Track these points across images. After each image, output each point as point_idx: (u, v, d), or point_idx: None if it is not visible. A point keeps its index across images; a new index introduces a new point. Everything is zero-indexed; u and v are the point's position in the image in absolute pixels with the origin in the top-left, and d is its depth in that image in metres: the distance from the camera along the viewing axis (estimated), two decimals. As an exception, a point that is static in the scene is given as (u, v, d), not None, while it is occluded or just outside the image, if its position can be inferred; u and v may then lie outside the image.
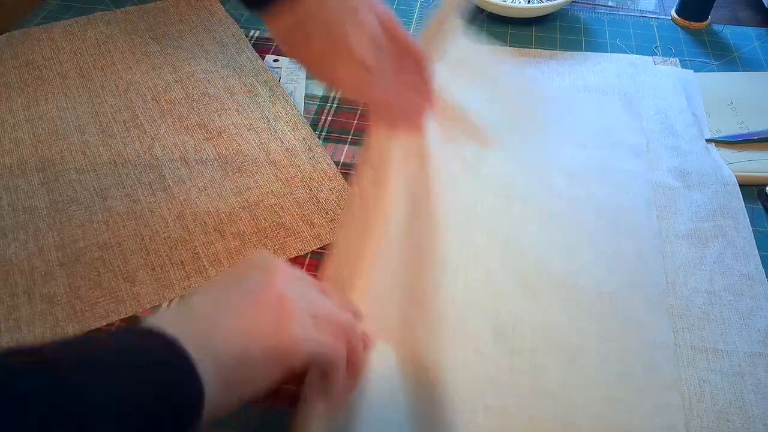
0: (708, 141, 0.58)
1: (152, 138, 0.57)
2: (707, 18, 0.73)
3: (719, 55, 0.69)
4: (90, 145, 0.56)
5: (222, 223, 0.51)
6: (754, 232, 0.51)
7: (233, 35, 0.69)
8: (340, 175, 0.55)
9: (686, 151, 0.57)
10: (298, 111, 0.61)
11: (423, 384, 0.40)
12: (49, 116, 0.59)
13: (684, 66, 0.67)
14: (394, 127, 0.48)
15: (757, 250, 0.50)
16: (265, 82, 0.63)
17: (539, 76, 0.65)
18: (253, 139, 0.57)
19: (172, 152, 0.56)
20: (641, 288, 0.47)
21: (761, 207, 0.53)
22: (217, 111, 0.60)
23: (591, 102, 0.62)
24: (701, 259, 0.49)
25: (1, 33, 0.68)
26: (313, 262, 0.49)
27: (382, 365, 0.40)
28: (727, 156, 0.57)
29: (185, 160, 0.55)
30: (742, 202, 0.53)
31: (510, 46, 0.69)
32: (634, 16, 0.75)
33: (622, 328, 0.44)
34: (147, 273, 0.47)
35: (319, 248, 0.50)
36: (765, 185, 0.54)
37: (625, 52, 0.69)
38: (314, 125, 0.60)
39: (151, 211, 0.51)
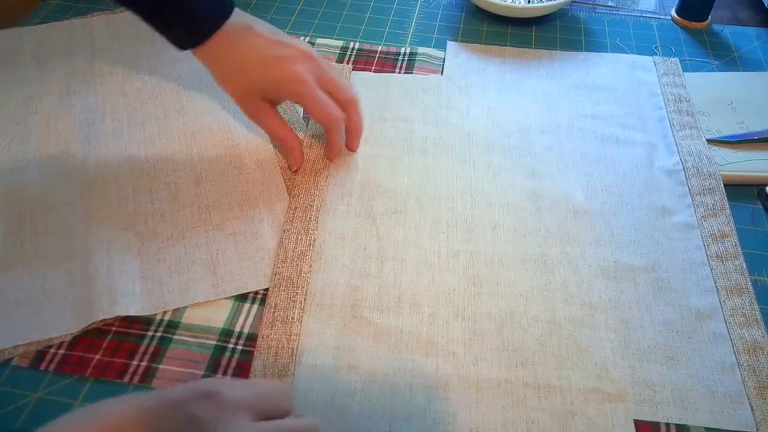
0: (708, 141, 0.58)
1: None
2: (707, 18, 0.73)
3: (719, 55, 0.69)
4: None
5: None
6: (755, 232, 0.51)
7: (233, 35, 0.68)
8: (340, 175, 0.55)
9: (685, 151, 0.57)
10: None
11: None
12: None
13: (684, 66, 0.66)
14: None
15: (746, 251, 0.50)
16: (265, 82, 0.63)
17: (539, 76, 0.65)
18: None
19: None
20: None
21: (761, 207, 0.53)
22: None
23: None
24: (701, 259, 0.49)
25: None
26: (312, 262, 0.49)
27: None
28: (727, 156, 0.57)
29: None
30: (740, 203, 0.53)
31: (510, 46, 0.69)
32: (634, 16, 0.75)
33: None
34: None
35: (318, 248, 0.50)
36: (765, 185, 0.54)
37: (625, 52, 0.69)
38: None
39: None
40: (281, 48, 0.50)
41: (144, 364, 0.43)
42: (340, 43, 0.69)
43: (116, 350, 0.43)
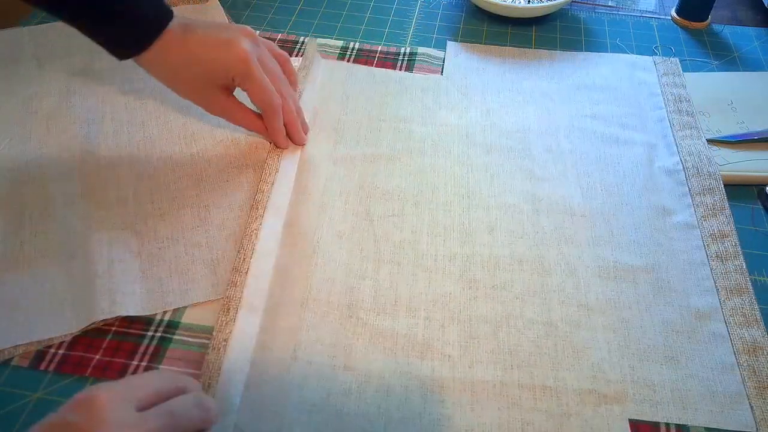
0: (708, 141, 0.58)
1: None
2: (707, 18, 0.73)
3: (719, 55, 0.69)
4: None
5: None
6: (755, 232, 0.51)
7: (233, 35, 0.68)
8: (340, 175, 0.55)
9: (685, 151, 0.57)
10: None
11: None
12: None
13: (684, 66, 0.67)
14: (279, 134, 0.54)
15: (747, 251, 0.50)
16: (265, 82, 0.63)
17: (539, 76, 0.65)
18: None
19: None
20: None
21: (761, 207, 0.53)
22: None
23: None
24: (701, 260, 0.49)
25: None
26: (311, 262, 0.49)
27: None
28: (727, 156, 0.57)
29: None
30: (740, 203, 0.53)
31: (510, 46, 0.69)
32: (634, 16, 0.75)
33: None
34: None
35: (318, 248, 0.50)
36: (765, 185, 0.54)
37: (625, 52, 0.69)
38: (313, 125, 0.60)
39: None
40: (223, 31, 0.50)
41: (144, 364, 0.43)
42: (340, 43, 0.69)
43: (116, 350, 0.43)
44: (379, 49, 0.69)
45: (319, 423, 0.40)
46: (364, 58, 0.67)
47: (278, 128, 0.53)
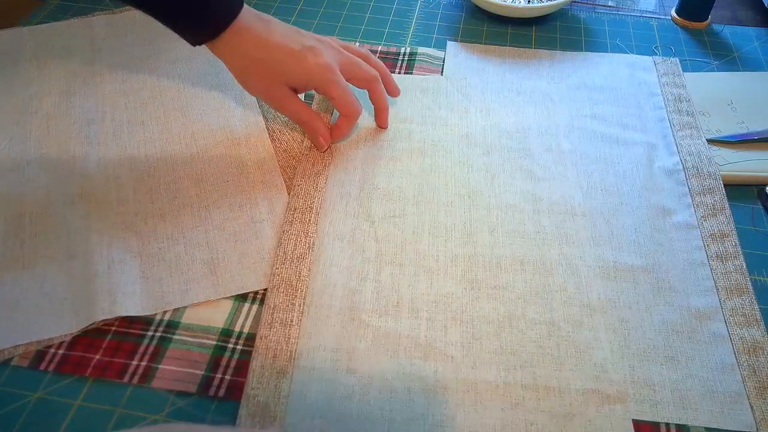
0: (708, 141, 0.58)
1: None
2: (707, 18, 0.73)
3: (719, 55, 0.69)
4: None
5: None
6: (755, 232, 0.51)
7: (233, 35, 0.68)
8: (340, 175, 0.55)
9: (685, 151, 0.57)
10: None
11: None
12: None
13: (684, 66, 0.67)
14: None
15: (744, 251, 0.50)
16: (265, 82, 0.63)
17: (539, 76, 0.65)
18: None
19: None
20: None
21: (761, 207, 0.53)
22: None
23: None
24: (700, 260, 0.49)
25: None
26: (311, 262, 0.49)
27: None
28: (727, 156, 0.57)
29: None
30: (740, 203, 0.53)
31: (510, 46, 0.69)
32: (634, 16, 0.75)
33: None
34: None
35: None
36: (765, 185, 0.54)
37: (625, 52, 0.69)
38: (313, 125, 0.60)
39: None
40: (305, 38, 0.51)
41: (144, 364, 0.43)
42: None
43: (116, 350, 0.43)
44: (379, 49, 0.69)
45: (322, 427, 0.39)
46: (364, 58, 0.67)
47: (347, 132, 0.56)
